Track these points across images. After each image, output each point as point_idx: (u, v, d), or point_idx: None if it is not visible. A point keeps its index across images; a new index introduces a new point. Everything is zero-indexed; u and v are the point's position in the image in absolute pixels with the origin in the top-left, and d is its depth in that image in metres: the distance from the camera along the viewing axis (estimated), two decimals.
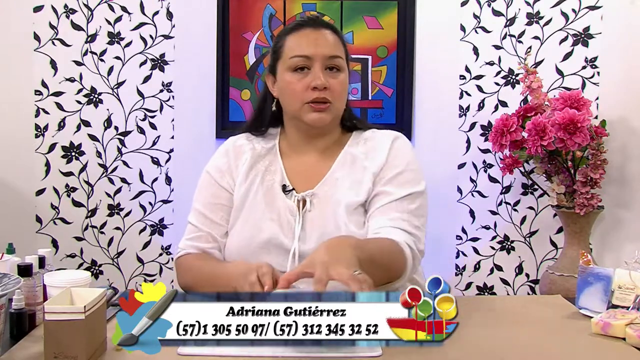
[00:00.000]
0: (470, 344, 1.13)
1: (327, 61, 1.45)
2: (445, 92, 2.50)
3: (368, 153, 1.49)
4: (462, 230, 2.53)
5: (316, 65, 1.44)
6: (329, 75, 1.45)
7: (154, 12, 2.49)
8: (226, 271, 1.35)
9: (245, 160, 1.53)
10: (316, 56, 1.44)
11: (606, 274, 1.34)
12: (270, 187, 1.49)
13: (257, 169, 1.52)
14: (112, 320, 1.19)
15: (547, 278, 2.29)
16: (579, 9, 2.43)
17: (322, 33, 1.48)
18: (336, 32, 1.51)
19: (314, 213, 1.44)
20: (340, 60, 1.47)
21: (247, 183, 1.50)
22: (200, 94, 2.50)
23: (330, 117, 1.47)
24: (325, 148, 1.53)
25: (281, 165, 1.52)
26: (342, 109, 1.51)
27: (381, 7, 2.48)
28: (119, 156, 2.52)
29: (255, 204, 1.48)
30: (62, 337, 0.97)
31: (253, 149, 1.55)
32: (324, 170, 1.50)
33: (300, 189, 1.48)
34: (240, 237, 1.47)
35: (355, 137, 1.55)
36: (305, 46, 1.46)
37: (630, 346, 1.14)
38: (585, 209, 2.21)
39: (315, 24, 1.49)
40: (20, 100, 2.49)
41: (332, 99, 1.45)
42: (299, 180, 1.49)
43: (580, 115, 2.11)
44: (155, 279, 2.56)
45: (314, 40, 1.46)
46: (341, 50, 1.49)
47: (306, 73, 1.45)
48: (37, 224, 2.53)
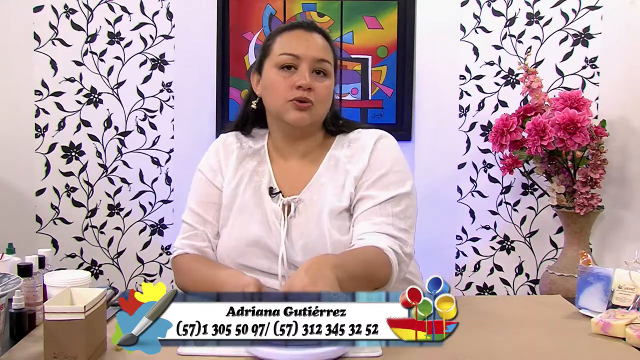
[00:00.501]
0: (470, 344, 1.12)
1: (315, 64, 1.44)
2: (445, 92, 2.50)
3: (351, 156, 1.47)
4: (462, 230, 2.53)
5: (303, 65, 1.43)
6: (315, 79, 1.43)
7: (154, 12, 2.49)
8: (219, 280, 1.36)
9: (232, 159, 1.52)
10: (305, 56, 1.43)
11: (606, 274, 1.34)
12: (257, 188, 1.48)
13: (245, 167, 1.51)
14: (112, 320, 1.19)
15: (547, 278, 2.29)
16: (579, 9, 2.43)
17: (314, 36, 1.47)
18: (328, 38, 1.50)
19: (298, 219, 1.43)
20: (327, 65, 1.46)
21: (235, 180, 1.50)
22: (200, 94, 2.50)
23: (310, 118, 1.44)
24: (307, 152, 1.51)
25: (269, 167, 1.51)
26: (323, 113, 1.48)
27: (381, 7, 2.48)
28: (119, 156, 2.52)
29: (244, 204, 1.47)
30: (62, 337, 0.97)
31: (240, 147, 1.54)
32: (309, 175, 1.48)
33: (287, 193, 1.47)
34: (231, 238, 1.47)
35: (340, 140, 1.53)
36: (295, 45, 1.45)
37: (630, 346, 1.14)
38: (585, 209, 2.21)
39: (309, 27, 1.49)
40: (20, 100, 2.49)
41: (315, 100, 1.43)
42: (286, 184, 1.48)
43: (580, 115, 2.11)
44: (155, 279, 2.56)
45: (304, 41, 1.45)
46: (330, 56, 1.48)
47: (292, 72, 1.43)
48: (37, 224, 2.53)
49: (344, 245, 1.40)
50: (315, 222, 1.42)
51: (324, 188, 1.45)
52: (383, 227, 1.37)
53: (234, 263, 1.45)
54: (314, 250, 1.37)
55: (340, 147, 1.50)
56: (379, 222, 1.38)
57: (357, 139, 1.51)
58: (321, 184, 1.46)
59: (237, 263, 1.45)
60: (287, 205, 1.44)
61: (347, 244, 1.40)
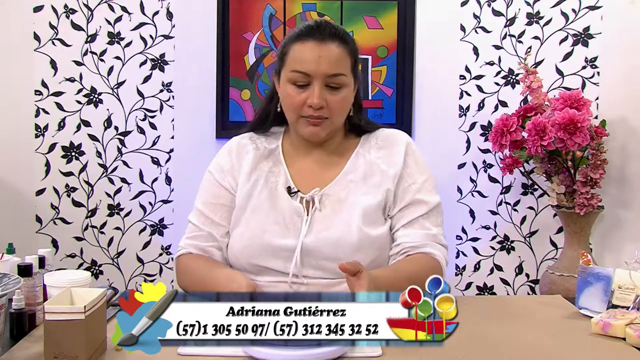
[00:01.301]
0: (470, 344, 1.12)
1: (327, 79, 1.42)
2: (445, 92, 2.50)
3: (384, 157, 1.50)
4: (462, 230, 2.53)
5: (315, 84, 1.41)
6: (329, 92, 1.42)
7: (154, 12, 2.49)
8: (215, 280, 1.36)
9: (248, 160, 1.52)
10: (316, 74, 1.41)
11: (606, 274, 1.34)
12: (274, 189, 1.49)
13: (261, 169, 1.51)
14: (112, 320, 1.19)
15: (547, 278, 2.29)
16: (579, 9, 2.43)
17: (327, 47, 1.42)
18: (344, 41, 1.45)
19: (324, 212, 1.45)
20: (342, 78, 1.43)
21: (250, 184, 1.50)
22: (200, 94, 2.50)
23: (325, 132, 1.46)
24: (330, 152, 1.53)
25: (285, 167, 1.51)
26: (339, 122, 1.49)
27: (381, 7, 2.48)
28: (119, 156, 2.52)
29: (259, 205, 1.47)
30: (62, 337, 0.97)
31: (256, 148, 1.54)
32: (334, 172, 1.49)
33: (305, 191, 1.47)
34: (244, 238, 1.47)
35: (367, 139, 1.54)
36: (306, 63, 1.41)
37: (630, 346, 1.14)
38: (585, 209, 2.21)
39: (322, 35, 1.42)
40: (20, 100, 2.49)
41: (330, 115, 1.44)
42: (304, 182, 1.49)
43: (580, 115, 2.11)
44: (155, 279, 2.56)
45: (316, 57, 1.41)
46: (345, 64, 1.44)
47: (305, 88, 1.43)
48: (37, 224, 2.53)
49: (372, 240, 1.43)
50: (343, 217, 1.43)
51: (353, 185, 1.47)
52: (438, 237, 1.46)
53: (247, 263, 1.45)
54: (338, 244, 1.41)
55: (369, 147, 1.53)
56: (436, 233, 1.46)
57: (385, 138, 1.53)
58: (349, 180, 1.48)
59: (251, 263, 1.45)
60: (311, 201, 1.45)
61: (376, 239, 1.44)
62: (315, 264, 1.42)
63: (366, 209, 1.44)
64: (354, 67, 1.49)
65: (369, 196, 1.45)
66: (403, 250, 1.45)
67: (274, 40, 2.49)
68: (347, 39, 1.47)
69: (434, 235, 1.46)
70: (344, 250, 1.40)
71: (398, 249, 1.45)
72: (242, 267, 1.47)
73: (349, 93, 1.47)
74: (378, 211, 1.45)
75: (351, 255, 1.37)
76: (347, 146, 1.54)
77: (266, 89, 2.50)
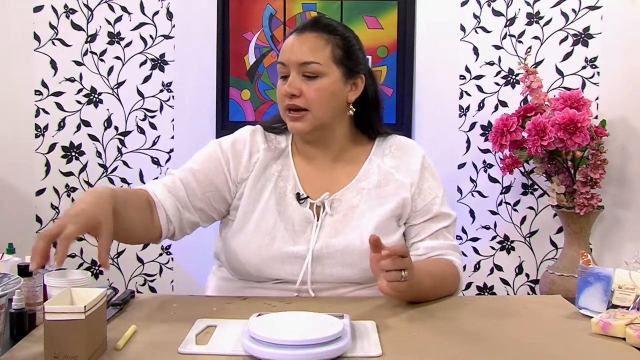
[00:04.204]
0: (471, 344, 1.12)
1: (301, 68, 1.40)
2: (445, 92, 2.50)
3: (397, 166, 1.49)
4: (462, 230, 2.52)
5: (292, 72, 1.40)
6: (304, 82, 1.40)
7: (154, 12, 2.49)
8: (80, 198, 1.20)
9: (257, 160, 1.47)
10: (289, 63, 1.41)
11: (606, 274, 1.33)
12: (282, 195, 1.45)
13: (270, 173, 1.47)
14: (112, 320, 1.19)
15: (547, 278, 2.29)
16: (579, 9, 2.44)
17: (303, 37, 1.41)
18: (329, 32, 1.42)
19: (335, 217, 1.43)
20: (315, 66, 1.39)
21: (257, 188, 1.45)
22: (200, 94, 2.50)
23: (308, 125, 1.41)
24: (340, 156, 1.50)
25: (294, 172, 1.47)
26: (322, 115, 1.42)
27: (381, 7, 2.48)
28: (119, 156, 2.52)
29: (267, 211, 1.43)
30: (62, 337, 0.97)
31: (267, 149, 1.49)
32: (346, 178, 1.47)
33: (314, 195, 1.44)
34: (252, 244, 1.41)
35: (380, 145, 1.52)
36: (283, 52, 1.43)
37: (630, 346, 1.14)
38: (585, 209, 2.21)
39: (305, 27, 1.43)
40: (20, 100, 2.49)
41: (308, 106, 1.40)
42: (313, 187, 1.46)
43: (580, 115, 2.11)
44: (155, 278, 2.56)
45: (290, 47, 1.42)
46: (323, 53, 1.40)
47: (287, 80, 1.41)
48: (37, 224, 2.53)
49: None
50: (355, 224, 1.42)
51: (366, 192, 1.45)
52: (457, 247, 1.51)
53: (254, 269, 1.41)
54: (348, 249, 1.39)
55: (382, 155, 1.51)
56: (456, 244, 1.51)
57: (400, 148, 1.52)
58: (362, 187, 1.46)
59: (258, 269, 1.41)
60: (321, 206, 1.43)
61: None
62: (323, 271, 1.40)
63: (380, 218, 1.42)
64: (342, 59, 1.43)
65: (382, 206, 1.44)
66: (425, 252, 1.46)
67: (274, 40, 2.49)
68: (334, 30, 1.44)
69: (454, 245, 1.50)
70: (353, 258, 1.39)
71: (420, 252, 1.47)
72: (246, 273, 1.43)
73: (329, 84, 1.41)
74: (391, 219, 1.44)
75: (360, 261, 1.36)
76: (359, 150, 1.51)
77: (266, 89, 2.50)
